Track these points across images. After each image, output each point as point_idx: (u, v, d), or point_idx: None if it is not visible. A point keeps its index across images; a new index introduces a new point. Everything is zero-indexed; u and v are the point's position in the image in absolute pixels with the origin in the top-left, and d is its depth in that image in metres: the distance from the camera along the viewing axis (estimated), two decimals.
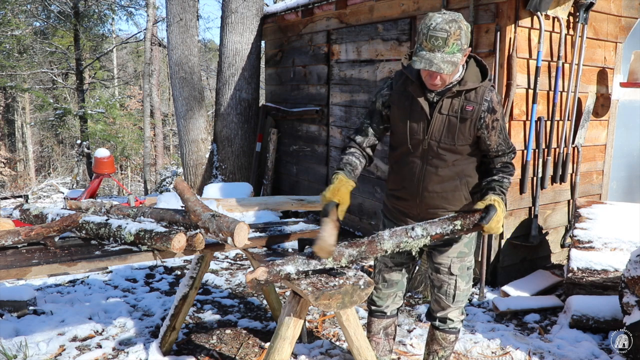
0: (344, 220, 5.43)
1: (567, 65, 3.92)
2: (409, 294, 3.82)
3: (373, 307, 2.39)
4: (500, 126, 1.98)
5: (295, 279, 1.73)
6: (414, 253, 2.07)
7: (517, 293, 3.66)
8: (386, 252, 1.85)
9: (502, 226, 1.98)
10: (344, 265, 1.79)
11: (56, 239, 2.23)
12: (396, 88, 2.06)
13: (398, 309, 2.43)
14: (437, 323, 2.30)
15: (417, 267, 3.95)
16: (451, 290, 2.21)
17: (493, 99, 1.95)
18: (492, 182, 2.01)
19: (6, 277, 1.89)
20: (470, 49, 1.90)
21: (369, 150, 2.16)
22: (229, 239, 2.01)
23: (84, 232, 2.32)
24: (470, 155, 2.03)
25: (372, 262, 4.43)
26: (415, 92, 1.98)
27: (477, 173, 2.10)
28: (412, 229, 1.87)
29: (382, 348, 2.44)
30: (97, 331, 3.16)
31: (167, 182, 9.26)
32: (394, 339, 2.50)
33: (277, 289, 3.22)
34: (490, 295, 3.74)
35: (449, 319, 2.27)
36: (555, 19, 3.79)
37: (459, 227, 1.90)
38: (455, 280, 2.19)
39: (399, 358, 2.89)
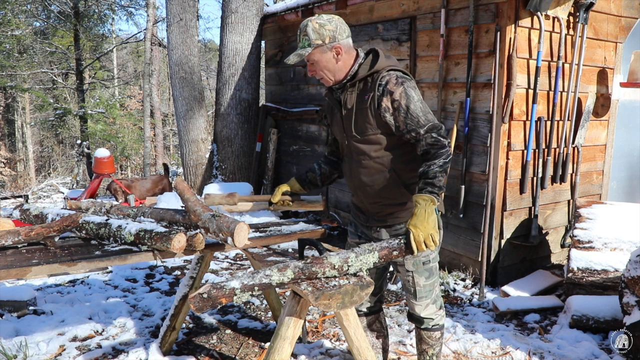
0: (343, 221, 5.45)
1: (567, 65, 3.92)
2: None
3: None
4: (405, 105, 1.93)
5: (237, 295, 1.65)
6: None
7: (517, 293, 3.66)
8: (334, 266, 1.79)
9: (433, 236, 1.82)
10: (289, 278, 1.73)
11: (56, 239, 2.23)
12: (325, 98, 2.26)
13: (377, 306, 2.44)
14: (416, 323, 2.31)
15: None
16: (411, 286, 2.21)
17: (390, 81, 1.95)
18: (420, 177, 1.92)
19: (6, 277, 1.89)
20: (339, 46, 1.99)
21: (331, 157, 2.37)
22: (229, 239, 2.01)
23: (84, 232, 2.32)
24: (392, 145, 2.02)
25: None
26: (327, 95, 2.18)
27: (410, 163, 2.04)
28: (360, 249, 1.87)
29: (372, 346, 2.44)
30: (97, 331, 3.16)
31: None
32: (385, 336, 2.50)
33: (277, 289, 3.22)
34: (490, 295, 3.74)
35: (424, 318, 2.26)
36: (555, 19, 3.80)
37: (403, 247, 1.86)
38: (413, 277, 2.18)
39: (399, 358, 2.89)
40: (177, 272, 4.33)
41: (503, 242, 3.88)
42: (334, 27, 1.99)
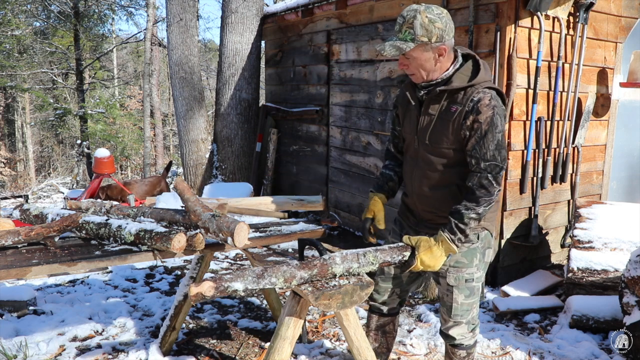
0: (344, 221, 5.45)
1: (567, 65, 3.92)
2: (409, 294, 3.81)
3: (371, 302, 2.36)
4: (484, 131, 1.82)
5: (242, 295, 1.68)
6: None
7: (517, 293, 3.66)
8: (335, 275, 1.79)
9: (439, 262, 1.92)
10: (294, 286, 1.74)
11: (56, 239, 2.23)
12: (402, 88, 2.11)
13: (397, 309, 2.39)
14: (443, 338, 2.24)
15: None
16: (448, 302, 2.11)
17: (482, 100, 1.82)
18: (452, 214, 1.89)
19: (6, 277, 1.89)
20: (444, 48, 1.84)
21: (400, 157, 2.24)
22: (229, 239, 2.01)
23: (84, 232, 2.32)
24: (460, 161, 1.94)
25: None
26: (407, 89, 2.04)
27: None
28: (364, 255, 1.84)
29: (378, 345, 2.43)
30: (97, 331, 3.16)
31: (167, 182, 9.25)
32: (393, 338, 2.47)
33: (277, 289, 3.22)
34: (490, 295, 3.74)
35: (452, 336, 2.17)
36: (555, 19, 3.79)
37: (407, 259, 1.92)
38: (452, 292, 2.08)
39: (399, 358, 2.89)
40: (177, 272, 4.33)
41: (503, 242, 3.88)
42: (444, 26, 1.81)
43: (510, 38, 3.59)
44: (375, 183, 2.22)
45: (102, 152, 6.40)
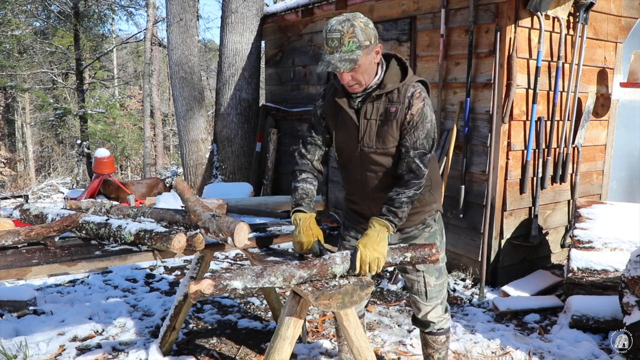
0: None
1: (567, 65, 3.92)
2: (409, 293, 3.81)
3: None
4: (415, 122, 1.90)
5: (242, 294, 1.67)
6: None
7: (517, 293, 3.66)
8: (335, 276, 1.80)
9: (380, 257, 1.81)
10: (292, 285, 1.74)
11: (56, 239, 2.23)
12: (327, 99, 2.09)
13: (364, 311, 2.43)
14: (421, 327, 2.30)
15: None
16: (421, 287, 2.19)
17: (414, 94, 1.91)
18: (386, 202, 1.91)
19: (6, 277, 1.89)
20: (380, 46, 1.89)
21: (319, 165, 2.19)
22: (229, 239, 2.00)
23: (84, 232, 2.32)
24: None
25: None
26: (341, 100, 2.01)
27: None
28: None
29: (347, 350, 2.45)
30: (97, 331, 3.16)
31: (167, 182, 9.25)
32: None
33: (277, 289, 3.22)
34: (490, 295, 3.75)
35: (430, 322, 2.25)
36: (555, 19, 3.80)
37: (409, 259, 1.92)
38: (423, 277, 2.17)
39: (399, 358, 2.89)
40: (177, 272, 4.33)
41: (503, 242, 3.88)
42: (372, 26, 1.88)
43: (510, 38, 3.59)
44: (300, 202, 2.07)
45: (102, 152, 6.39)
